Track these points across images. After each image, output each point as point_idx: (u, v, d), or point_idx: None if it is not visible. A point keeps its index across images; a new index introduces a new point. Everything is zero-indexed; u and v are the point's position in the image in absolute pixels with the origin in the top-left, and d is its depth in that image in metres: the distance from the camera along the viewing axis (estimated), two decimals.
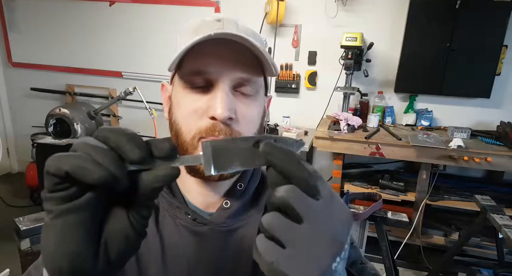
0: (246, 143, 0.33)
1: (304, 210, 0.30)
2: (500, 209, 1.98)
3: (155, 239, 0.56)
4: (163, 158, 0.31)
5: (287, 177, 0.30)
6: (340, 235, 0.32)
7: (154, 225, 0.58)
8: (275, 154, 0.31)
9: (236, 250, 0.57)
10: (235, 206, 0.59)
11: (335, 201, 0.33)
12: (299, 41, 3.03)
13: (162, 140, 0.31)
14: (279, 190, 0.30)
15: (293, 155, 0.31)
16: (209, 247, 0.56)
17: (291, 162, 0.30)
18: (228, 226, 0.58)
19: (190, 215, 0.57)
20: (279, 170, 0.31)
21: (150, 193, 0.31)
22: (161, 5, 3.20)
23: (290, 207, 0.30)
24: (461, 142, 2.30)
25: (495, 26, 2.52)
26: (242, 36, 0.49)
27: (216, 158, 0.33)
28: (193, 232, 0.57)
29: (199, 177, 0.55)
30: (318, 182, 0.31)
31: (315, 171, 0.32)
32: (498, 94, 2.73)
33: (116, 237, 0.31)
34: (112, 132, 0.30)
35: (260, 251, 0.30)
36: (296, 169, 0.30)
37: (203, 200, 0.59)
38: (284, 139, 0.34)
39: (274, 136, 0.33)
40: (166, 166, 0.31)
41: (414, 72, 2.73)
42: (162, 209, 0.60)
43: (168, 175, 0.31)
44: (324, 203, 0.31)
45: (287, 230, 0.30)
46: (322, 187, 0.32)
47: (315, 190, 0.31)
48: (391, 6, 2.79)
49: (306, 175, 0.30)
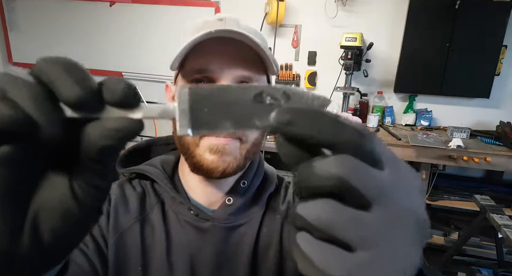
0: (242, 93, 0.24)
1: (371, 189, 0.20)
2: (500, 209, 1.98)
3: (161, 233, 0.57)
4: (119, 105, 0.22)
5: (327, 145, 0.21)
6: (422, 213, 0.23)
7: (161, 219, 0.58)
8: (299, 120, 0.21)
9: (236, 247, 0.58)
10: (237, 203, 0.59)
11: (401, 165, 0.24)
12: (299, 42, 3.03)
13: (118, 79, 0.23)
14: (325, 164, 0.20)
15: (326, 115, 0.21)
16: (211, 243, 0.57)
17: (328, 125, 0.21)
18: (230, 223, 0.58)
19: (192, 211, 0.58)
20: (312, 140, 0.21)
21: (97, 153, 0.22)
22: (161, 5, 3.20)
23: (351, 188, 0.20)
24: (460, 141, 2.31)
25: (495, 26, 2.52)
26: (242, 33, 0.49)
27: (196, 111, 0.23)
28: (196, 228, 0.57)
29: (202, 174, 0.56)
30: (375, 142, 0.22)
31: (365, 127, 0.23)
32: (498, 94, 2.73)
33: (50, 210, 0.23)
34: (48, 61, 0.21)
35: (317, 262, 0.19)
36: (341, 131, 0.21)
37: (206, 197, 0.60)
38: (299, 93, 0.24)
39: (283, 87, 0.24)
40: (121, 116, 0.22)
41: (413, 72, 2.73)
42: (166, 204, 0.60)
43: (121, 128, 0.21)
44: (392, 173, 0.22)
45: (353, 223, 0.20)
46: (382, 149, 0.22)
47: (376, 156, 0.21)
48: (390, 6, 2.80)
49: (358, 136, 0.21)
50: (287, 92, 0.24)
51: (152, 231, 0.58)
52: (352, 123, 0.22)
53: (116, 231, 0.57)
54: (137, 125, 0.22)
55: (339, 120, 0.21)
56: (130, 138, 0.22)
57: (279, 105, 0.24)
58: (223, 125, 0.24)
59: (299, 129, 0.21)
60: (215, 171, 0.53)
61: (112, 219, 0.57)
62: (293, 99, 0.24)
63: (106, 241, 0.56)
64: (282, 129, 0.21)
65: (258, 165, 0.66)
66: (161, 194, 0.61)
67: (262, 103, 0.24)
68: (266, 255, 0.58)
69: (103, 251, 0.55)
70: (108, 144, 0.21)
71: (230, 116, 0.24)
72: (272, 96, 0.24)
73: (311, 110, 0.21)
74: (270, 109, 0.23)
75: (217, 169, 0.53)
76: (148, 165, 0.63)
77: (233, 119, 0.24)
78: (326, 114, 0.21)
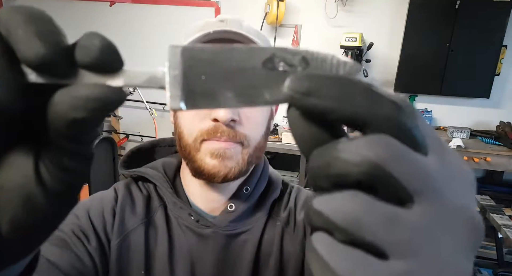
0: (249, 57, 0.19)
1: (414, 180, 0.16)
2: (500, 209, 1.98)
3: (164, 237, 0.56)
4: (95, 69, 0.18)
5: (357, 122, 0.17)
6: (475, 213, 0.18)
7: (164, 223, 0.57)
8: (321, 89, 0.17)
9: (238, 255, 0.56)
10: (239, 209, 0.58)
11: (449, 151, 0.19)
12: (299, 42, 3.03)
13: (94, 34, 0.18)
14: (354, 145, 0.16)
15: (355, 83, 0.17)
16: (212, 250, 0.56)
17: (359, 96, 0.16)
18: (232, 230, 0.57)
19: (193, 217, 0.57)
20: (338, 114, 0.16)
21: (66, 127, 0.18)
22: (161, 6, 3.20)
23: (388, 177, 0.16)
24: (460, 141, 2.31)
25: (495, 26, 2.52)
26: (241, 34, 0.48)
27: (191, 78, 0.19)
28: (197, 234, 0.56)
29: (203, 179, 0.54)
30: (418, 120, 0.17)
31: (405, 99, 0.17)
32: (498, 94, 2.73)
33: (9, 197, 0.18)
34: (6, 10, 0.17)
35: (339, 271, 0.15)
36: (375, 104, 0.16)
37: (207, 203, 0.59)
38: (321, 57, 0.19)
39: (301, 50, 0.19)
40: (96, 83, 0.18)
41: (413, 72, 2.73)
42: (168, 208, 0.59)
43: (96, 97, 0.17)
44: (438, 160, 0.17)
45: (388, 223, 0.16)
46: (425, 129, 0.18)
47: (419, 138, 0.17)
48: (390, 6, 2.80)
49: (397, 110, 0.17)
50: (306, 56, 0.19)
51: (155, 235, 0.57)
52: (389, 94, 0.17)
53: (121, 232, 0.56)
54: (116, 94, 0.18)
55: (372, 89, 0.17)
56: (108, 109, 0.18)
57: (296, 73, 0.19)
58: (224, 97, 0.19)
59: (321, 100, 0.16)
60: (216, 176, 0.52)
61: (118, 218, 0.56)
62: (312, 65, 0.19)
63: (109, 240, 0.55)
64: (298, 101, 0.17)
65: (263, 170, 0.63)
66: (163, 197, 0.60)
67: (274, 71, 0.19)
68: (267, 263, 0.57)
69: (105, 249, 0.54)
70: (79, 116, 0.17)
71: (233, 86, 0.19)
72: (286, 61, 0.19)
73: (337, 77, 0.17)
74: (284, 78, 0.18)
75: (219, 174, 0.52)
76: (150, 168, 0.62)
77: (237, 90, 0.19)
78: (355, 82, 0.17)
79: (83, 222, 0.54)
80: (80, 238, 0.52)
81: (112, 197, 0.59)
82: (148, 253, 0.56)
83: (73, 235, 0.51)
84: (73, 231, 0.52)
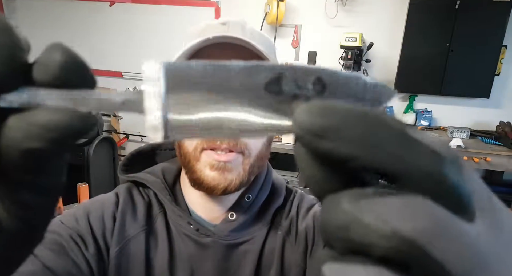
0: (249, 77, 0.15)
1: (459, 260, 0.12)
2: None
3: (164, 244, 0.55)
4: (58, 86, 0.15)
5: (386, 174, 0.14)
6: None
7: (164, 230, 0.56)
8: (339, 129, 0.13)
9: (238, 265, 0.55)
10: (240, 219, 0.56)
11: (500, 209, 0.16)
12: (299, 42, 3.03)
13: (54, 46, 0.15)
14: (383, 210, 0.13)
15: (386, 123, 0.13)
16: (211, 259, 0.54)
17: (390, 142, 0.13)
18: (232, 240, 0.55)
19: (192, 225, 0.55)
20: (360, 163, 0.13)
21: (20, 158, 0.15)
22: (161, 5, 3.20)
23: (428, 260, 0.12)
24: (460, 141, 2.31)
25: (495, 26, 2.52)
26: (242, 39, 0.47)
27: (175, 102, 0.16)
28: (196, 242, 0.55)
29: (202, 190, 0.53)
30: (464, 173, 0.14)
31: (447, 145, 0.14)
32: (498, 94, 2.73)
33: None
34: None
35: None
36: (410, 154, 0.13)
37: (207, 212, 0.57)
38: (341, 78, 0.15)
39: (316, 69, 0.16)
40: (58, 107, 0.15)
41: (413, 72, 2.73)
42: (167, 215, 0.58)
43: (54, 126, 0.14)
44: (489, 224, 0.14)
45: None
46: (473, 185, 0.14)
47: (465, 199, 0.14)
48: (390, 6, 2.80)
49: (439, 163, 0.13)
50: (322, 77, 0.15)
51: (155, 243, 0.56)
52: (427, 137, 0.13)
53: (121, 239, 0.54)
54: (80, 121, 0.15)
55: (408, 134, 0.13)
56: (71, 139, 0.15)
57: (308, 99, 0.15)
58: (216, 128, 0.16)
59: (338, 145, 0.13)
60: (216, 189, 0.50)
61: (118, 224, 0.55)
62: (330, 89, 0.15)
63: (107, 246, 0.54)
64: (309, 143, 0.14)
65: (266, 177, 0.61)
66: (163, 203, 0.59)
67: (280, 95, 0.15)
68: (268, 274, 0.56)
69: (103, 256, 0.53)
70: (34, 147, 0.14)
71: (227, 114, 0.16)
72: (297, 83, 0.15)
73: (362, 113, 0.13)
74: (292, 104, 0.15)
75: (218, 187, 0.50)
76: (149, 173, 0.60)
77: (232, 120, 0.15)
78: (386, 122, 0.13)
79: (82, 226, 0.52)
80: (78, 243, 0.50)
81: (113, 202, 0.57)
82: (148, 262, 0.54)
83: (70, 240, 0.50)
84: (71, 236, 0.50)
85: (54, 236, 0.49)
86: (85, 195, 1.69)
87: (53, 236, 0.49)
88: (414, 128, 0.14)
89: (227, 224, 0.55)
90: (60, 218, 0.53)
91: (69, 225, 0.52)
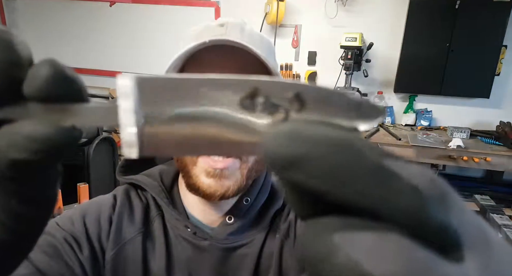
0: (222, 91, 0.15)
1: None
2: (500, 209, 1.98)
3: (162, 248, 0.54)
4: (45, 102, 0.15)
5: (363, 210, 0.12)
6: None
7: (162, 233, 0.55)
8: (309, 160, 0.12)
9: (236, 269, 0.54)
10: (239, 222, 0.55)
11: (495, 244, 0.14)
12: (299, 41, 3.03)
13: (44, 61, 0.16)
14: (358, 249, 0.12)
15: (363, 154, 0.12)
16: (209, 263, 0.54)
17: (365, 177, 0.12)
18: (230, 243, 0.54)
19: (190, 229, 0.55)
20: (334, 198, 0.12)
21: (7, 168, 0.15)
22: (161, 5, 3.20)
23: None
24: (460, 141, 2.30)
25: (495, 26, 2.52)
26: (240, 43, 0.46)
27: (148, 117, 0.15)
28: (194, 246, 0.54)
29: (199, 196, 0.52)
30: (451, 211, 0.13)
31: (434, 179, 0.13)
32: (498, 94, 2.73)
33: None
34: None
35: None
36: (389, 191, 0.12)
37: (205, 215, 0.57)
38: (322, 94, 0.14)
39: (294, 84, 0.14)
40: (41, 119, 0.15)
41: (413, 72, 2.73)
42: (165, 218, 0.57)
43: (38, 138, 0.15)
44: (479, 265, 0.13)
45: None
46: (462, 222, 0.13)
47: (452, 237, 0.13)
48: (391, 6, 2.80)
49: (422, 202, 0.12)
50: (302, 92, 0.14)
51: (153, 246, 0.55)
52: (408, 170, 0.12)
53: (118, 242, 0.53)
54: (62, 135, 0.15)
55: (387, 168, 0.12)
56: (56, 151, 0.15)
57: (285, 116, 0.14)
58: (191, 144, 0.15)
59: (308, 178, 0.12)
60: (212, 196, 0.49)
61: (114, 227, 0.54)
62: (310, 106, 0.14)
63: (103, 249, 0.53)
64: (278, 172, 0.13)
65: (264, 179, 0.60)
66: (161, 205, 0.58)
67: (255, 112, 0.15)
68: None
69: (98, 259, 0.52)
70: (19, 158, 0.15)
71: (201, 131, 0.15)
72: (273, 99, 0.14)
73: (336, 140, 0.12)
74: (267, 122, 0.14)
75: (215, 194, 0.49)
76: (146, 175, 0.59)
77: (204, 136, 0.15)
78: (363, 153, 0.12)
79: (77, 228, 0.52)
80: (72, 246, 0.50)
81: (111, 204, 0.57)
82: (145, 265, 0.54)
83: (65, 242, 0.49)
84: (65, 238, 0.50)
85: (49, 238, 0.49)
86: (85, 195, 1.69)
87: (47, 238, 0.49)
88: (394, 156, 0.13)
89: (225, 227, 0.55)
90: (56, 220, 0.53)
91: (64, 227, 0.51)
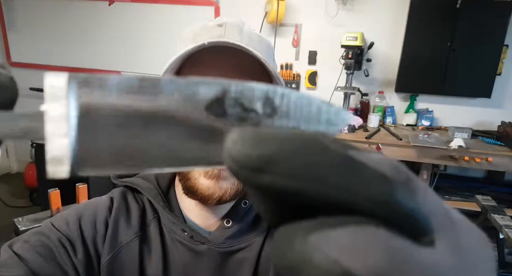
0: (185, 95, 0.13)
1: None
2: (501, 209, 1.97)
3: (158, 252, 0.54)
4: None
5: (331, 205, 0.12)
6: None
7: (158, 237, 0.55)
8: (275, 161, 0.12)
9: (234, 274, 0.54)
10: (237, 225, 0.54)
11: (461, 227, 0.14)
12: (299, 41, 3.02)
13: None
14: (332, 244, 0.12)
15: (328, 149, 0.12)
16: (207, 268, 0.53)
17: (331, 171, 0.12)
18: (228, 247, 0.54)
19: (187, 233, 0.54)
20: (303, 197, 0.12)
21: None
22: (160, 5, 3.19)
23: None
24: (461, 142, 2.29)
25: (496, 26, 2.51)
26: (238, 45, 0.46)
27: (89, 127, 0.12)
28: (191, 250, 0.54)
29: (196, 199, 0.51)
30: (417, 195, 0.13)
31: (398, 166, 0.13)
32: (499, 94, 2.71)
33: None
34: None
35: None
36: (361, 183, 0.12)
37: (202, 219, 0.56)
38: (291, 100, 0.13)
39: (265, 88, 0.14)
40: None
41: (414, 72, 2.72)
42: (161, 221, 0.56)
43: None
44: (449, 246, 0.13)
45: None
46: (429, 206, 0.13)
47: (422, 222, 0.13)
48: (391, 5, 2.78)
49: (390, 188, 0.12)
50: (272, 97, 0.13)
51: (149, 250, 0.54)
52: (373, 159, 0.13)
53: (114, 246, 0.53)
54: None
55: (353, 158, 0.12)
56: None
57: (256, 123, 0.13)
58: (142, 157, 0.12)
59: (277, 179, 0.12)
60: (210, 198, 0.49)
61: (110, 231, 0.53)
62: (280, 112, 0.13)
63: (98, 252, 0.52)
64: (246, 179, 0.12)
65: None
66: (157, 209, 0.57)
67: (223, 118, 0.13)
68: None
69: (93, 262, 0.52)
70: None
71: (157, 141, 0.12)
72: (243, 103, 0.13)
73: (301, 140, 0.12)
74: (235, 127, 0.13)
75: (213, 196, 0.49)
76: (142, 178, 0.58)
77: (162, 148, 0.13)
78: (328, 148, 0.12)
79: (72, 230, 0.51)
80: (67, 248, 0.49)
81: (107, 206, 0.56)
82: (142, 270, 0.53)
83: (59, 244, 0.49)
84: (60, 240, 0.49)
85: (43, 239, 0.48)
86: (84, 195, 1.68)
87: (42, 239, 0.48)
88: (356, 147, 0.13)
89: (223, 231, 0.54)
90: (51, 220, 0.52)
91: (59, 228, 0.51)
